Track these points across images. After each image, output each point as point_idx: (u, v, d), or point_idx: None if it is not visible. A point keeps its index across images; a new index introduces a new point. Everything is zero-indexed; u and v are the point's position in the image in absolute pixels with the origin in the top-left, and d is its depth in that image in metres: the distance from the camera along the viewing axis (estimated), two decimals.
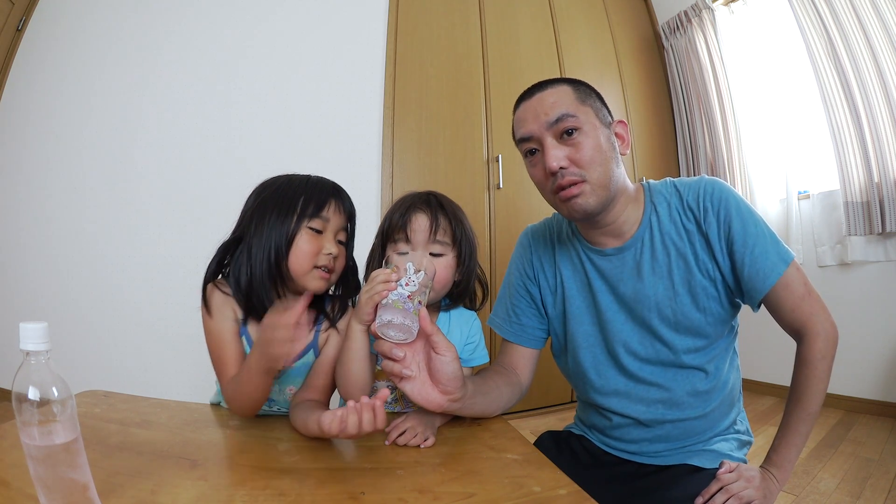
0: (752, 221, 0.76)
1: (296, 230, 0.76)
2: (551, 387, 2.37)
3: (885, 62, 2.07)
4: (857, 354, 2.18)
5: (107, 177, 2.12)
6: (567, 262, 0.90)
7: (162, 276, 1.99)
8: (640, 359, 0.83)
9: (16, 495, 0.49)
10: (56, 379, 0.43)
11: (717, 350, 0.82)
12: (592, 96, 0.80)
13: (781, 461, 0.76)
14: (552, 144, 0.76)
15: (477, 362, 0.88)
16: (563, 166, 0.75)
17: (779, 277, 0.75)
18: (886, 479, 1.51)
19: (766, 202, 2.61)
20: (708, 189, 0.79)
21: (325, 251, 0.77)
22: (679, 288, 0.79)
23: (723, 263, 0.78)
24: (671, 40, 3.06)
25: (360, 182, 2.18)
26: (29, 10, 2.37)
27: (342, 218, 0.81)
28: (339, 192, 0.81)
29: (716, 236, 0.77)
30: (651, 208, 0.83)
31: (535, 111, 0.77)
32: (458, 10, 2.46)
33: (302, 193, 0.77)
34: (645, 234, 0.82)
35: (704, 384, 0.81)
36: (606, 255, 0.85)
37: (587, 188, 0.75)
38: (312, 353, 0.82)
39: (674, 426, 0.82)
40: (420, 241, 0.81)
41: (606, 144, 0.77)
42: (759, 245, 0.75)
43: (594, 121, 0.77)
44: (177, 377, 1.81)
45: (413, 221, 0.81)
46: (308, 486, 0.54)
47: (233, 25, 2.18)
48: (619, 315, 0.84)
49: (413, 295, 0.65)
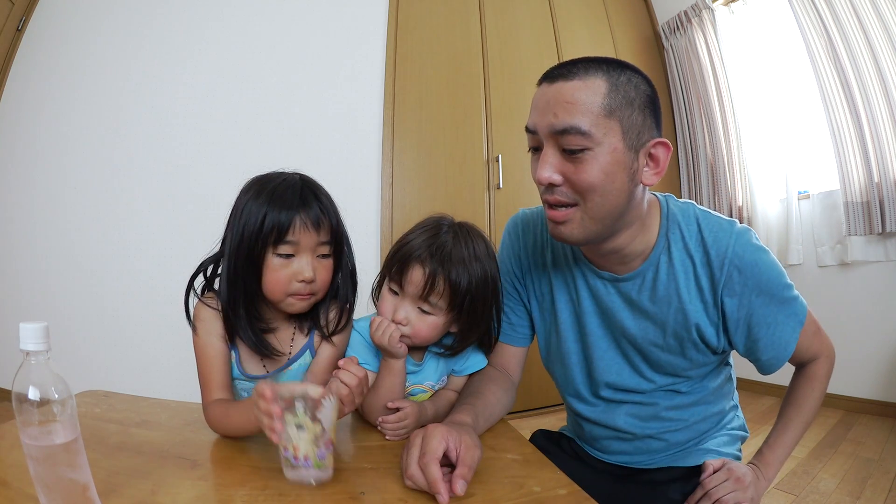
0: (779, 289, 0.68)
1: (262, 258, 0.70)
2: (551, 387, 2.35)
3: (885, 62, 2.06)
4: (857, 354, 2.18)
5: (107, 176, 2.12)
6: (558, 272, 0.82)
7: (162, 275, 1.99)
8: (618, 386, 0.80)
9: (16, 495, 0.49)
10: (56, 379, 0.43)
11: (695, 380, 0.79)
12: (633, 104, 0.62)
13: (773, 459, 0.77)
14: (550, 154, 0.63)
15: (473, 369, 0.85)
16: (554, 183, 0.63)
17: (796, 343, 0.72)
18: (886, 479, 1.51)
19: (766, 202, 2.61)
20: (738, 249, 0.67)
21: (298, 278, 0.70)
22: (670, 339, 0.73)
23: (735, 335, 0.71)
24: (671, 40, 3.06)
25: (360, 182, 2.18)
26: (29, 10, 2.37)
27: (315, 233, 0.70)
28: (305, 204, 0.70)
29: (735, 308, 0.69)
30: (664, 244, 0.71)
31: (548, 104, 0.62)
32: (458, 10, 2.45)
33: (265, 213, 0.68)
34: (649, 272, 0.72)
35: (686, 399, 0.79)
36: (602, 278, 0.76)
37: (576, 216, 0.64)
38: (308, 354, 0.81)
39: (655, 440, 0.81)
40: (411, 293, 0.72)
41: (621, 173, 0.62)
42: (782, 316, 0.70)
43: (615, 141, 0.61)
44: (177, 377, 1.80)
45: (409, 272, 0.72)
46: (308, 487, 0.54)
47: (233, 26, 2.18)
48: (603, 341, 0.79)
49: (305, 452, 0.53)
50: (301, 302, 0.74)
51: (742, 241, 0.68)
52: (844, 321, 2.23)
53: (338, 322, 0.80)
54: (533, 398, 2.37)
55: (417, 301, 0.73)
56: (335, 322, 0.79)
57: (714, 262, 0.68)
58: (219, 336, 0.75)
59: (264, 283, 0.71)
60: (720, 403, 0.83)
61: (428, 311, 0.73)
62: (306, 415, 0.52)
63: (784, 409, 0.80)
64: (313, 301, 0.76)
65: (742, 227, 0.70)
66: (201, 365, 0.74)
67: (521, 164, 2.41)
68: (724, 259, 0.67)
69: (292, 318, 0.81)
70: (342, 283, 0.80)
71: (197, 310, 0.76)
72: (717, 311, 0.70)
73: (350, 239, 0.81)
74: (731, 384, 0.87)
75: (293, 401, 0.53)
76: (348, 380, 0.61)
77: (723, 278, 0.68)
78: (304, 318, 0.81)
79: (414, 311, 0.73)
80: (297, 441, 0.52)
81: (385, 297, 0.76)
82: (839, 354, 0.79)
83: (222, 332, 0.75)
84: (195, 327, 0.75)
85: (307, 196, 0.71)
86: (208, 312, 0.75)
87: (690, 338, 0.72)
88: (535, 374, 2.29)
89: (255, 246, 0.69)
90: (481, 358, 0.85)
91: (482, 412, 0.73)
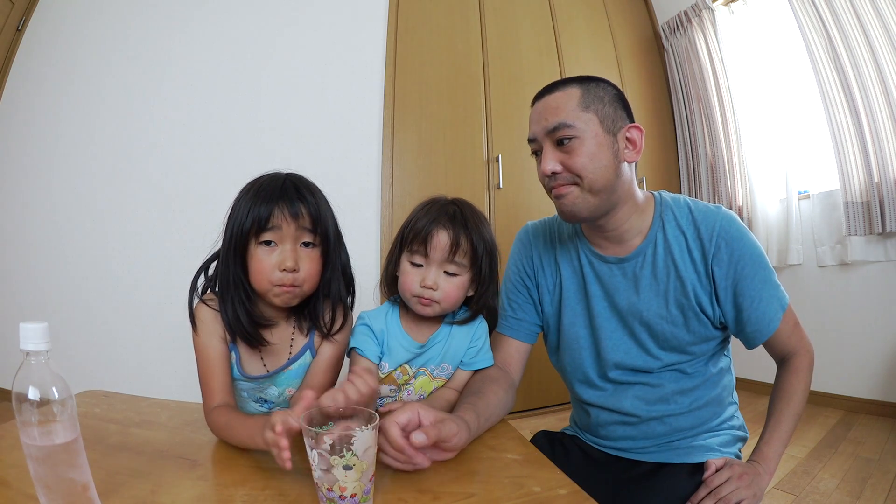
0: (762, 266, 0.78)
1: (246, 248, 0.72)
2: (551, 387, 2.37)
3: (885, 62, 2.06)
4: (857, 354, 2.18)
5: (107, 176, 2.12)
6: (567, 263, 0.91)
7: (162, 275, 1.99)
8: (626, 366, 0.85)
9: (16, 495, 0.49)
10: (56, 379, 0.43)
11: (703, 358, 0.85)
12: (603, 100, 0.78)
13: (772, 453, 0.79)
14: (549, 149, 0.78)
15: (480, 365, 0.86)
16: (555, 171, 0.77)
17: (779, 324, 0.80)
18: (886, 479, 1.51)
19: (766, 202, 2.61)
20: (725, 225, 0.79)
21: (280, 267, 0.71)
22: (672, 308, 0.81)
23: (725, 303, 0.80)
24: (671, 40, 3.06)
25: (360, 182, 2.18)
26: (29, 10, 2.37)
27: (294, 221, 0.72)
28: (285, 194, 0.72)
29: (723, 276, 0.78)
30: (659, 223, 0.83)
31: (540, 115, 0.80)
32: (458, 10, 2.46)
33: (250, 208, 0.71)
34: (648, 249, 0.82)
35: (690, 382, 0.84)
36: (607, 262, 0.86)
37: (576, 191, 0.78)
38: (309, 353, 0.82)
39: (659, 423, 0.84)
40: (437, 258, 0.78)
41: (605, 152, 0.77)
42: (766, 293, 0.78)
43: (595, 128, 0.77)
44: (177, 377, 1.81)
45: (434, 237, 0.78)
46: (308, 486, 0.54)
47: (233, 27, 2.19)
48: (611, 322, 0.86)
49: (352, 491, 0.49)
50: (286, 294, 0.73)
51: (729, 219, 0.80)
52: (844, 321, 2.23)
53: (333, 321, 0.80)
54: (533, 398, 2.37)
55: (443, 265, 0.79)
56: (332, 321, 0.80)
57: (704, 235, 0.79)
58: (219, 337, 0.75)
59: (251, 274, 0.73)
60: (720, 391, 0.86)
61: (453, 273, 0.80)
62: (354, 454, 0.49)
63: (773, 403, 0.84)
64: (300, 294, 0.75)
65: (728, 210, 0.81)
66: (201, 366, 0.74)
67: (521, 164, 2.41)
68: (712, 232, 0.78)
69: (291, 318, 0.81)
70: (333, 279, 0.79)
71: (197, 310, 0.76)
72: (709, 281, 0.80)
73: (342, 235, 0.80)
74: (731, 376, 0.91)
75: (322, 437, 0.49)
76: (353, 394, 0.60)
77: (712, 249, 0.78)
78: (303, 318, 0.81)
79: (440, 275, 0.79)
80: (343, 482, 0.49)
81: (408, 272, 0.80)
82: (839, 354, 0.80)
83: (223, 334, 0.75)
84: (196, 327, 0.75)
85: (288, 188, 0.73)
86: (209, 313, 0.75)
87: (690, 305, 0.80)
88: (535, 374, 2.29)
89: (241, 239, 0.72)
90: (489, 357, 0.88)
91: (483, 412, 0.74)
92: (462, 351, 0.86)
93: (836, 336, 2.25)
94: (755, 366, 2.52)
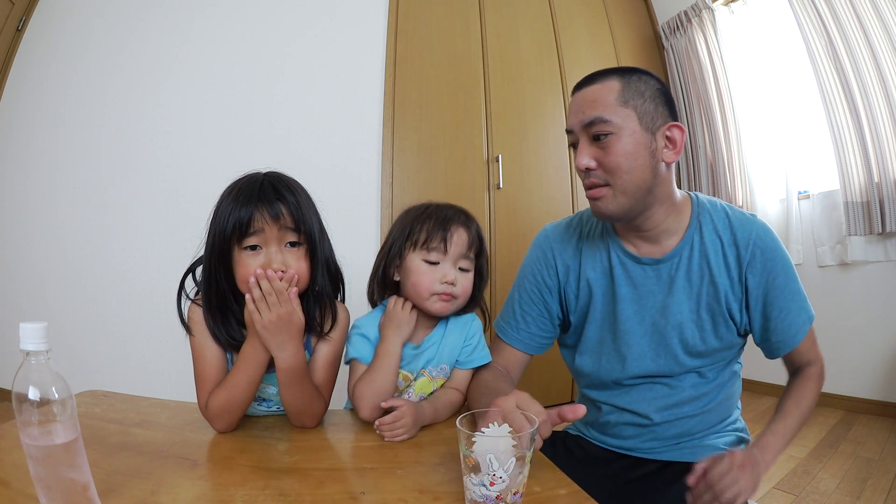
0: (793, 278, 0.79)
1: (230, 254, 0.71)
2: (551, 387, 2.37)
3: (885, 62, 2.06)
4: (857, 354, 2.18)
5: (107, 176, 2.12)
6: (596, 263, 0.87)
7: (163, 275, 1.99)
8: (649, 372, 0.84)
9: (16, 495, 0.49)
10: (56, 379, 0.43)
11: (722, 363, 0.85)
12: (644, 95, 0.74)
13: (773, 444, 0.76)
14: (584, 144, 0.76)
15: (476, 363, 0.86)
16: (589, 167, 0.75)
17: (804, 337, 0.81)
18: (886, 479, 1.51)
19: (766, 202, 2.61)
20: (761, 234, 0.78)
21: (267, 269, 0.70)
22: (703, 312, 0.80)
23: (754, 311, 0.80)
24: (671, 40, 3.06)
25: (360, 182, 2.18)
26: (29, 10, 2.37)
27: (276, 223, 0.70)
28: (264, 197, 0.70)
29: (755, 284, 0.78)
30: (696, 225, 0.81)
31: (578, 107, 0.77)
32: (458, 10, 2.45)
33: (230, 212, 0.70)
34: (685, 250, 0.81)
35: (706, 387, 0.83)
36: (642, 263, 0.83)
37: (608, 193, 0.75)
38: (306, 353, 0.82)
39: (670, 425, 0.83)
40: (456, 254, 0.81)
41: (641, 151, 0.74)
42: (795, 305, 0.79)
43: (633, 125, 0.73)
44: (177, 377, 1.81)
45: (454, 234, 0.80)
46: (308, 486, 0.55)
47: (232, 26, 2.18)
48: (638, 327, 0.83)
49: (518, 488, 0.48)
50: None
51: (766, 228, 0.80)
52: (844, 321, 2.23)
53: (323, 319, 0.79)
54: (533, 398, 2.36)
55: (459, 261, 0.82)
56: (323, 321, 0.79)
57: (740, 242, 0.78)
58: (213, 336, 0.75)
59: (238, 282, 0.72)
60: (730, 395, 0.87)
61: (465, 268, 0.83)
62: (531, 447, 0.48)
63: (783, 402, 0.83)
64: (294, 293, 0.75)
65: (764, 220, 0.81)
66: (198, 366, 0.75)
67: (521, 164, 2.41)
68: (749, 240, 0.78)
69: None
70: (319, 278, 0.77)
71: (190, 312, 0.76)
72: (741, 288, 0.79)
73: (325, 229, 0.79)
74: (739, 381, 0.91)
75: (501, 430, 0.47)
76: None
77: (748, 256, 0.78)
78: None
79: (455, 271, 0.81)
80: (524, 478, 0.49)
81: (424, 272, 0.80)
82: (839, 354, 0.82)
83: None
84: (190, 329, 0.75)
85: (266, 189, 0.72)
86: (202, 314, 0.75)
87: (721, 311, 0.79)
88: (536, 374, 2.29)
89: (224, 245, 0.71)
90: (486, 353, 0.88)
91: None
92: (457, 350, 0.86)
93: (836, 336, 2.24)
94: (755, 366, 2.52)
